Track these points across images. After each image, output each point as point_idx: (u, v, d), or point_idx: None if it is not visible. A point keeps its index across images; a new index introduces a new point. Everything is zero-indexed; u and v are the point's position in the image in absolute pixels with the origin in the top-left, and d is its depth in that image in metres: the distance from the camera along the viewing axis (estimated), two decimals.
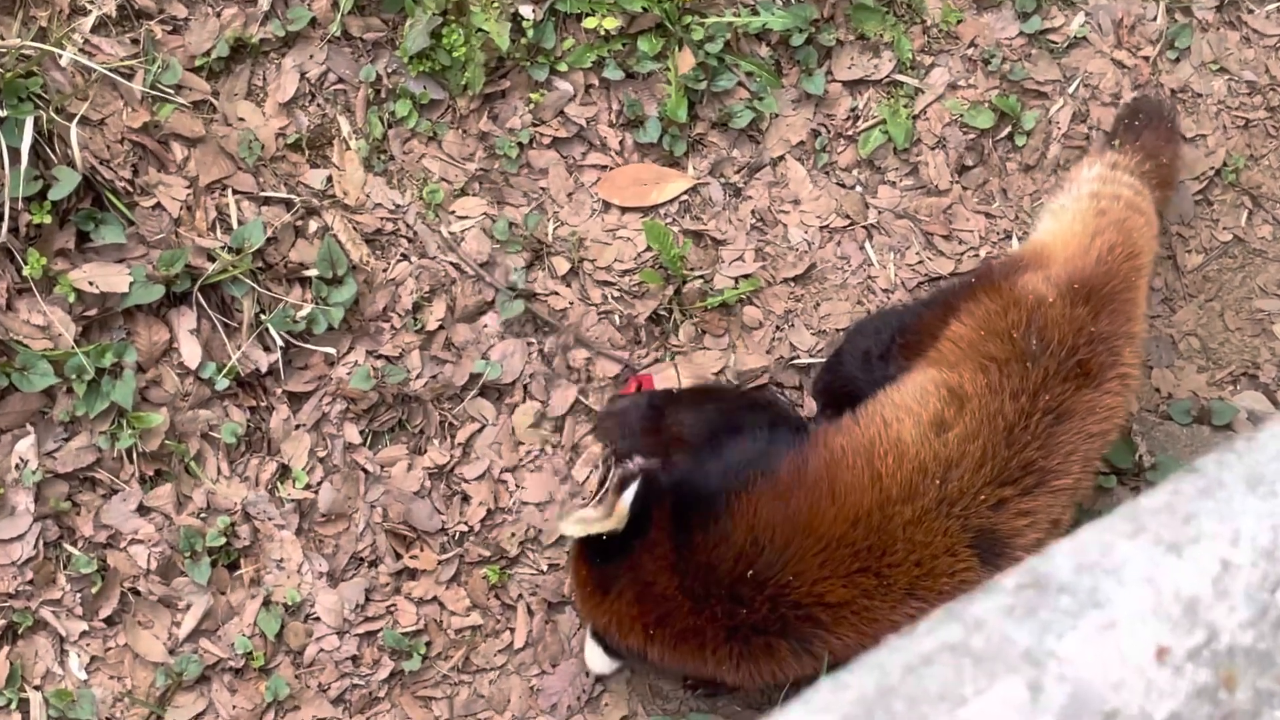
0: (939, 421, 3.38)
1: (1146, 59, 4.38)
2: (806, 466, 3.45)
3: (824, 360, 4.12)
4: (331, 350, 4.04)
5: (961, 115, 4.31)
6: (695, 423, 3.82)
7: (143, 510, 3.91)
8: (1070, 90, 4.38)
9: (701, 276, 4.18)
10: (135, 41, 3.98)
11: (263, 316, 3.97)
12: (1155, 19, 4.40)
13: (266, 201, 4.04)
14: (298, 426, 4.04)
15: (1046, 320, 3.41)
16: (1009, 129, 4.34)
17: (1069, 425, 3.34)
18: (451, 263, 4.12)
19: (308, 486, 4.02)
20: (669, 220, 4.21)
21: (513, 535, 4.04)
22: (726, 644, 3.43)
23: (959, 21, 4.35)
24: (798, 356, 4.20)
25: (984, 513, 3.29)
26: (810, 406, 4.14)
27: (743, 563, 3.37)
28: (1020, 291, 3.50)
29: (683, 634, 3.45)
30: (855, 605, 3.33)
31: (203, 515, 3.95)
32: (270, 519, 3.99)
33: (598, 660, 3.70)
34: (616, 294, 4.17)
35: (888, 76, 4.33)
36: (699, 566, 3.42)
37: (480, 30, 4.07)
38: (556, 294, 4.16)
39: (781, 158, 4.30)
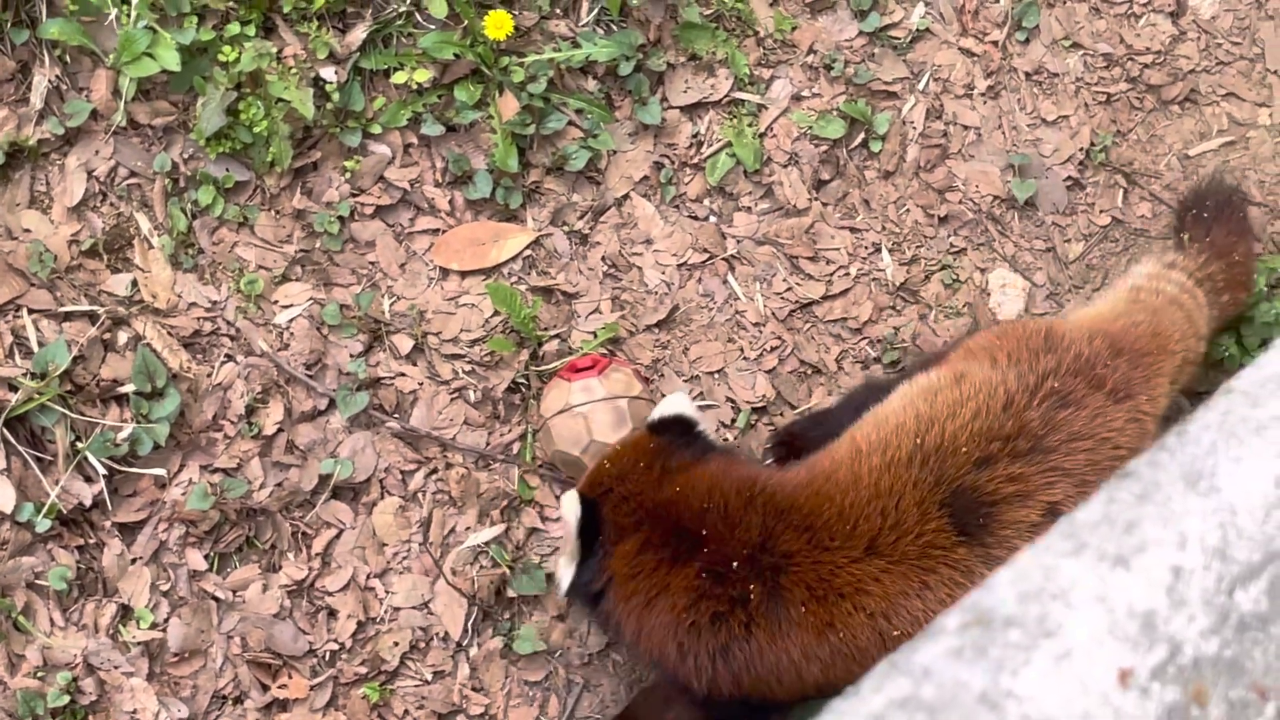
0: (931, 390, 3.37)
1: (995, 43, 4.36)
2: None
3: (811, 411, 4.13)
4: (161, 471, 3.87)
5: (810, 127, 4.24)
6: None
7: None
8: (920, 86, 4.33)
9: (558, 335, 4.06)
10: None
11: (79, 444, 3.79)
12: (998, 0, 4.37)
13: (67, 317, 3.87)
14: (134, 560, 3.86)
15: (1067, 337, 3.41)
16: (862, 136, 4.28)
17: (1075, 413, 3.27)
18: (279, 365, 3.95)
19: (154, 625, 3.84)
20: (514, 279, 4.09)
21: (395, 644, 3.87)
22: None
23: (794, 28, 4.30)
24: None
25: (964, 466, 3.20)
26: None
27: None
28: (1042, 320, 3.59)
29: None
30: (819, 534, 3.24)
31: (40, 674, 3.75)
32: (116, 667, 3.80)
33: (570, 509, 3.40)
34: (468, 367, 4.03)
35: (727, 96, 4.26)
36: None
37: (280, 100, 3.95)
38: (403, 375, 4.02)
39: (626, 196, 4.20)
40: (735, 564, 3.24)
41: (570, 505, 3.36)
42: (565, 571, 3.46)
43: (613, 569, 3.36)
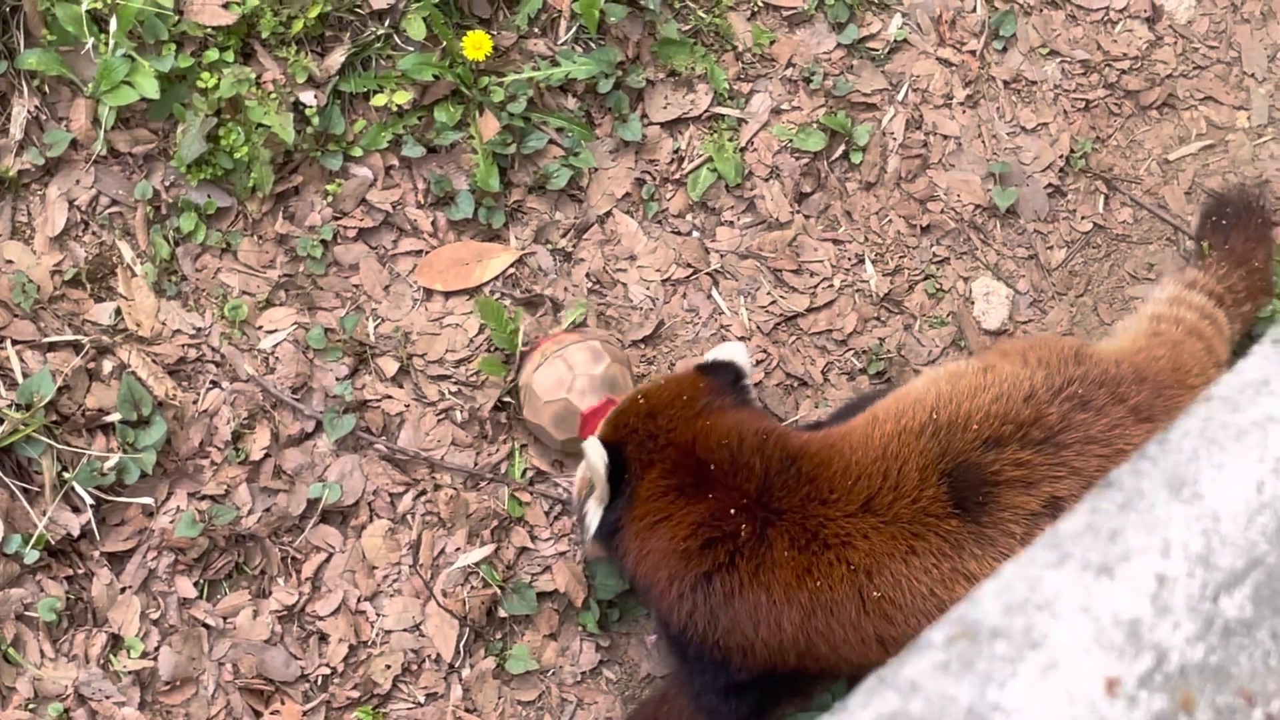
0: (957, 374, 3.42)
1: (973, 53, 4.37)
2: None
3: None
4: (149, 500, 3.86)
5: (791, 140, 4.24)
6: None
7: None
8: (899, 97, 4.34)
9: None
10: None
11: (65, 475, 3.76)
12: (975, 10, 4.40)
13: (52, 347, 3.84)
14: (123, 589, 3.84)
15: (1095, 356, 3.45)
16: (843, 147, 4.29)
17: (1095, 418, 3.28)
18: (266, 388, 3.94)
19: (144, 654, 3.82)
20: (498, 297, 4.09)
21: (387, 667, 3.86)
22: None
23: (772, 42, 4.30)
24: None
25: (973, 443, 3.23)
26: None
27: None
28: (1075, 339, 3.65)
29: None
30: (820, 485, 3.30)
31: (32, 706, 3.73)
32: (108, 697, 3.77)
33: (597, 455, 3.44)
34: (454, 388, 4.02)
35: (707, 111, 4.26)
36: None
37: (261, 126, 3.93)
38: (389, 398, 4.01)
39: (609, 213, 4.20)
40: (735, 506, 3.30)
41: (595, 451, 3.41)
42: (594, 516, 3.52)
43: (636, 496, 3.42)
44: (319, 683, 3.86)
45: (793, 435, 3.45)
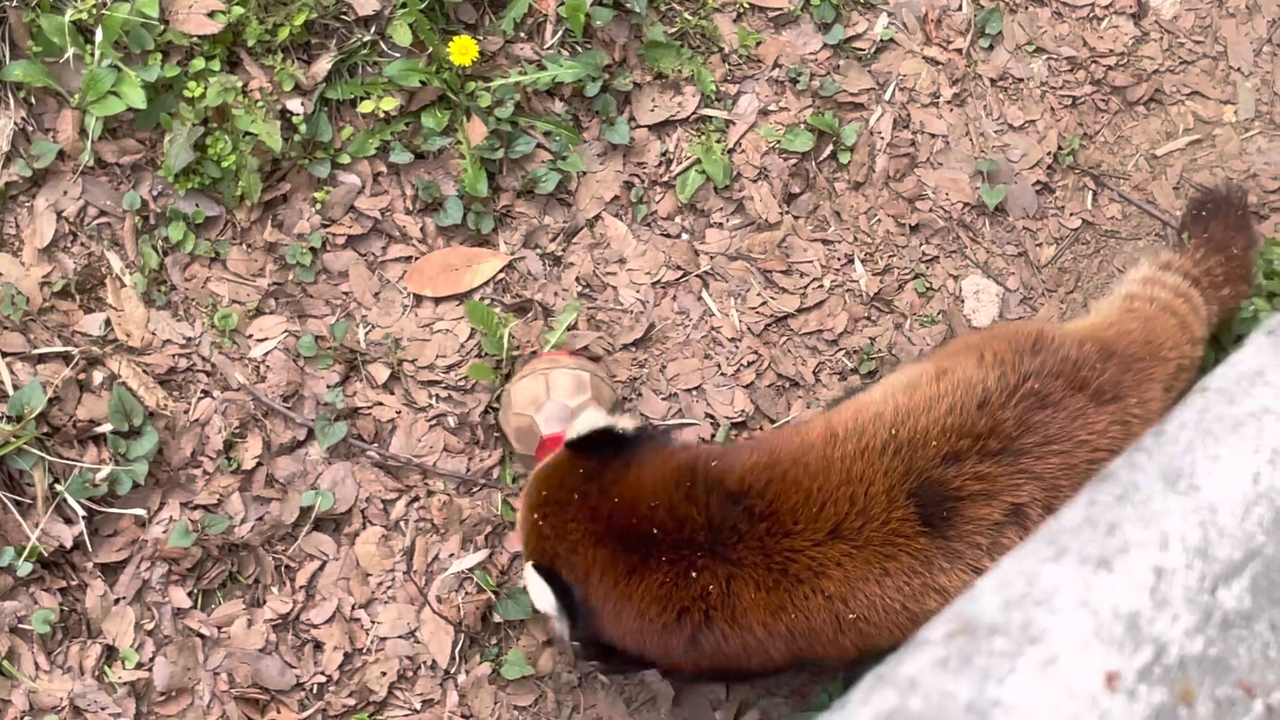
0: (912, 385, 3.39)
1: (959, 51, 4.37)
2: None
3: None
4: (141, 511, 3.85)
5: (779, 141, 4.23)
6: None
7: None
8: (887, 96, 4.33)
9: (535, 352, 4.03)
10: None
11: (57, 486, 3.76)
12: (961, 8, 4.40)
13: (41, 359, 3.83)
14: (117, 600, 3.83)
15: (1056, 340, 3.41)
16: (831, 147, 4.28)
17: (1053, 415, 3.26)
18: (257, 397, 3.93)
19: (139, 665, 3.81)
20: (488, 303, 4.07)
21: (383, 675, 3.85)
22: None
23: (758, 43, 4.29)
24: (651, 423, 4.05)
25: (934, 460, 3.22)
26: None
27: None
28: (1037, 324, 3.60)
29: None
30: (782, 518, 3.24)
31: (26, 719, 3.72)
32: (103, 708, 3.76)
33: (540, 594, 3.37)
34: (444, 393, 4.01)
35: (694, 113, 4.25)
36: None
37: (248, 134, 3.93)
38: (380, 404, 4.00)
39: (598, 217, 4.19)
40: (693, 563, 3.25)
41: (539, 591, 3.34)
42: (562, 629, 3.45)
43: (590, 606, 3.35)
44: (315, 691, 3.85)
45: (717, 468, 3.34)
